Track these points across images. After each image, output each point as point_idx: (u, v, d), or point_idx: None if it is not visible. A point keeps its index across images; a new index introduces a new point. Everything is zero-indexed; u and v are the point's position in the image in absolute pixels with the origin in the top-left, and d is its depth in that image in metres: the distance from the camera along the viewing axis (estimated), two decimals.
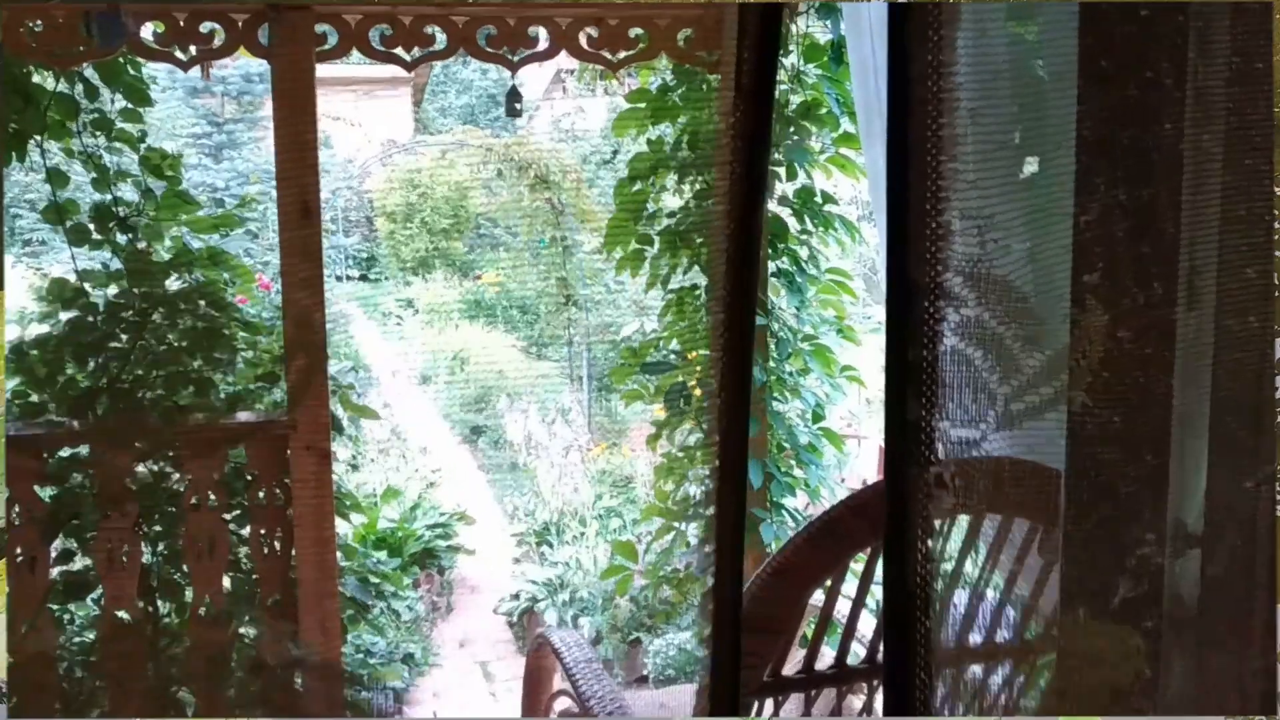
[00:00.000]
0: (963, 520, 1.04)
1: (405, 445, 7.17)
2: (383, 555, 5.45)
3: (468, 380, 9.83)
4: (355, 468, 6.95)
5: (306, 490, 2.91)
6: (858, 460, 5.68)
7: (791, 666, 1.65)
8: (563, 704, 2.49)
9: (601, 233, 7.83)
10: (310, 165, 2.82)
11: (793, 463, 3.51)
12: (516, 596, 5.51)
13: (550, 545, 5.89)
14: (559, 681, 2.46)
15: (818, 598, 1.64)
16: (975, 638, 1.08)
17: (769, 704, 1.65)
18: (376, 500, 6.07)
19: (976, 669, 1.07)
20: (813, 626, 1.81)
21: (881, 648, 1.74)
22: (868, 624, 1.72)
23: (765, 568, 1.54)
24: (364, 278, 16.64)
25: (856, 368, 3.61)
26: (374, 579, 3.34)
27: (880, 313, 2.19)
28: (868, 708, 1.76)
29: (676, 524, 3.56)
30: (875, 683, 1.77)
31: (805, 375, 3.47)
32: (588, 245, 7.65)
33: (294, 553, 2.94)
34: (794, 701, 1.69)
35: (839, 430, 3.97)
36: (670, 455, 3.60)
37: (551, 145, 7.41)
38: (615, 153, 15.59)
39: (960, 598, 1.06)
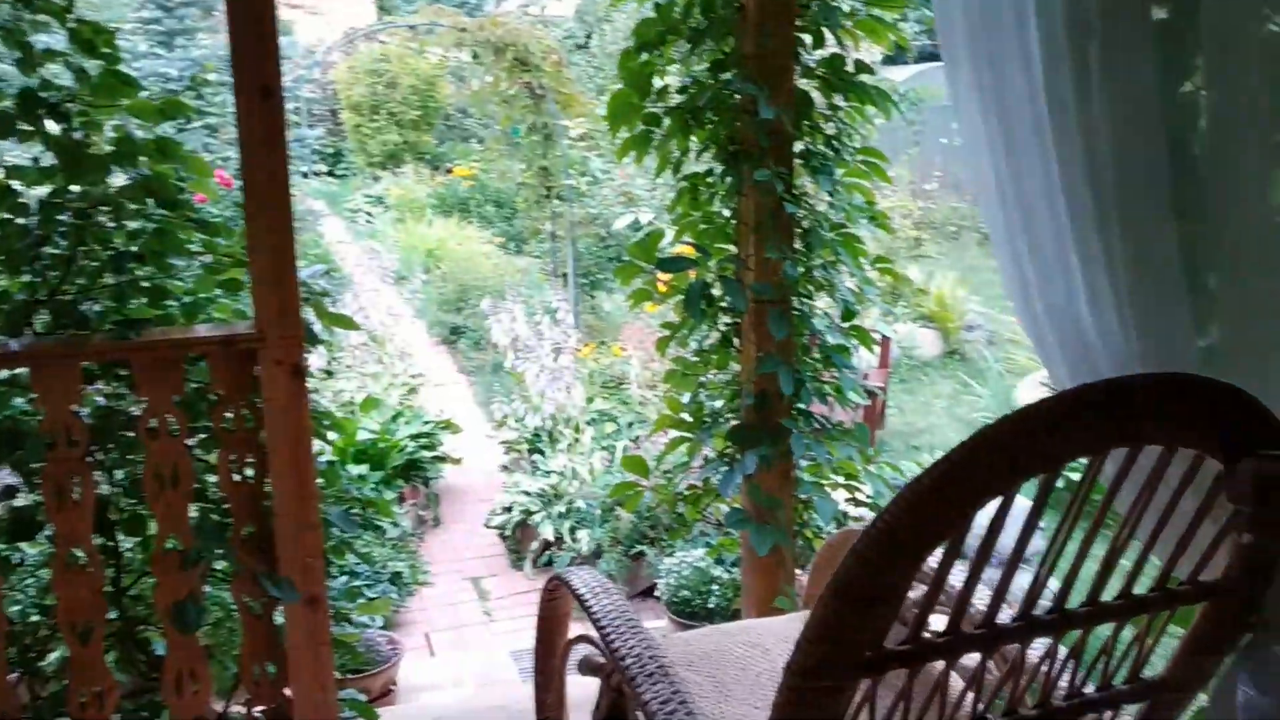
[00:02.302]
0: None
1: (382, 350, 6.80)
2: (364, 469, 5.13)
3: (444, 279, 9.44)
4: (330, 374, 6.59)
5: (279, 410, 2.57)
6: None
7: (894, 638, 1.33)
8: (581, 650, 2.18)
9: (584, 119, 7.38)
10: (269, 44, 2.41)
11: (819, 366, 3.17)
12: (508, 509, 5.21)
13: (542, 453, 5.57)
14: (576, 626, 2.14)
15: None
16: None
17: (863, 684, 1.33)
18: (355, 410, 5.72)
19: None
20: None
21: (1002, 610, 1.42)
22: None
23: (874, 525, 1.21)
24: (331, 174, 16.12)
25: (891, 259, 3.25)
26: (358, 505, 3.00)
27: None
28: (978, 678, 1.45)
29: (691, 435, 3.23)
30: (997, 651, 1.46)
31: (835, 268, 3.11)
32: (571, 132, 7.19)
33: (268, 480, 2.62)
34: (895, 678, 1.38)
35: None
36: (683, 361, 3.25)
37: (529, 25, 6.89)
38: (589, 36, 14.99)
39: None
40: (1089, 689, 1.57)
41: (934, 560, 1.29)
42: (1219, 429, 1.30)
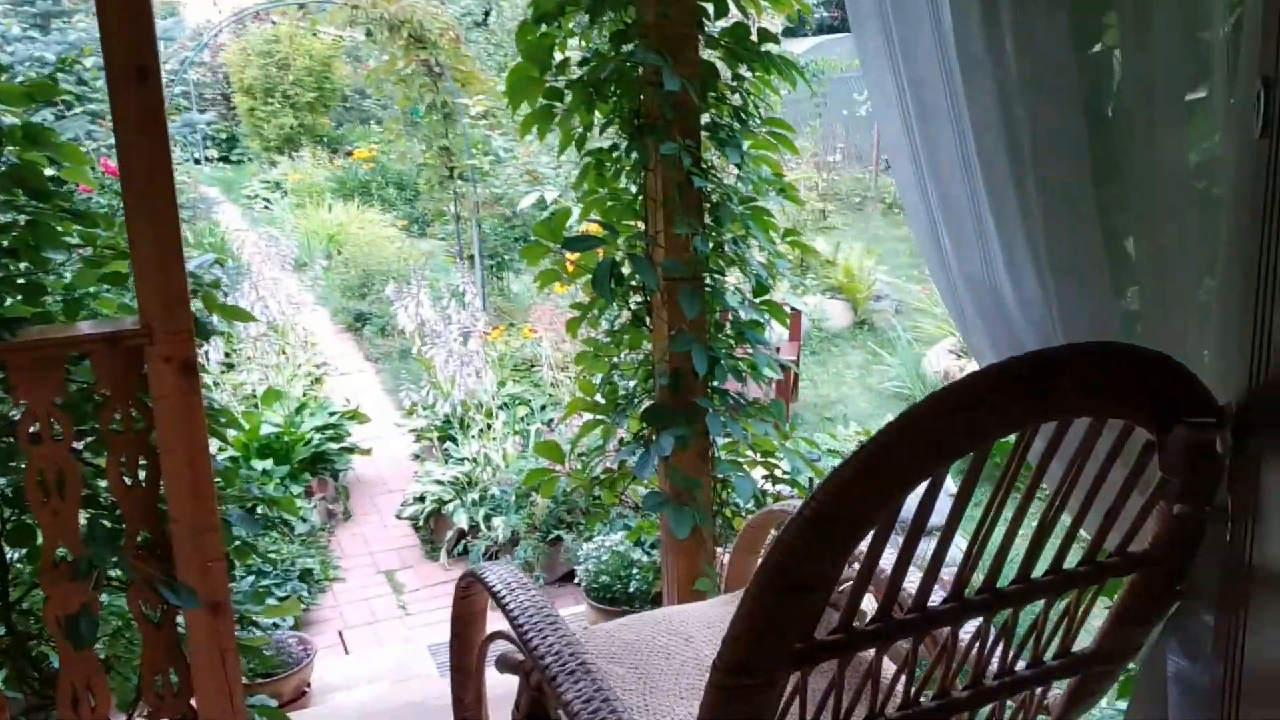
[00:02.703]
0: None
1: (284, 340, 6.60)
2: (268, 464, 4.97)
3: (347, 265, 9.22)
4: (231, 367, 6.38)
5: (170, 409, 2.44)
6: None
7: (824, 626, 1.28)
8: (499, 647, 2.10)
9: (485, 97, 7.23)
10: (144, 21, 2.26)
11: (732, 342, 3.12)
12: (421, 499, 5.09)
13: (454, 440, 5.45)
14: (493, 621, 2.06)
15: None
16: None
17: (793, 676, 1.28)
18: (257, 404, 5.54)
19: None
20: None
21: (934, 594, 1.38)
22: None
23: (800, 513, 1.15)
24: (225, 160, 15.66)
25: (799, 231, 3.21)
26: (260, 504, 2.88)
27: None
28: (909, 663, 1.40)
29: (605, 418, 3.16)
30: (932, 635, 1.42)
31: (745, 242, 3.06)
32: (471, 110, 7.04)
33: (162, 483, 2.50)
34: (826, 666, 1.33)
35: None
36: (595, 342, 3.18)
37: (425, 1, 6.71)
38: (487, 13, 14.75)
39: None
40: (1020, 666, 1.54)
41: (863, 545, 1.24)
42: (1148, 398, 1.26)
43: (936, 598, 1.37)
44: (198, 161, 11.88)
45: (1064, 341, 1.61)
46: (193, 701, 2.59)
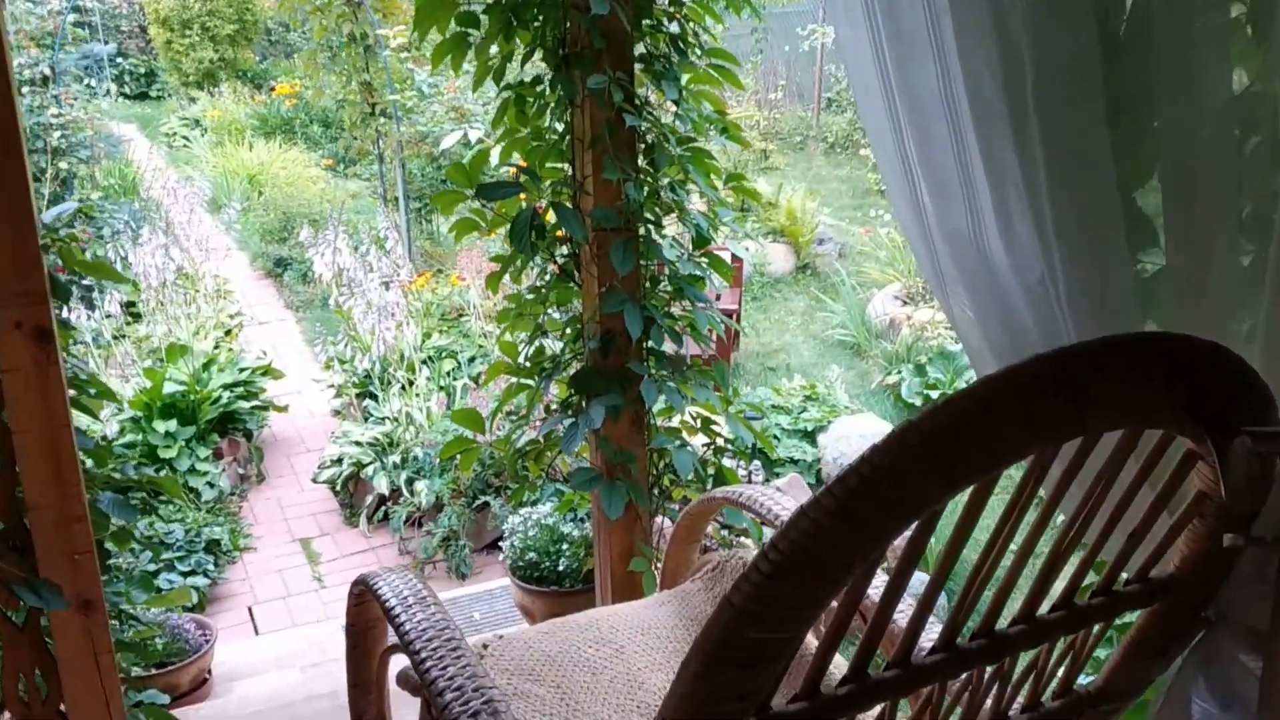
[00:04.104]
0: None
1: (194, 289, 6.18)
2: (172, 425, 4.60)
3: (267, 206, 8.75)
4: (137, 318, 5.97)
5: (23, 382, 2.11)
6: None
7: (786, 689, 1.00)
8: (402, 660, 1.82)
9: (406, 28, 6.78)
10: None
11: (669, 299, 2.82)
12: (338, 461, 4.75)
13: (374, 398, 5.11)
14: (393, 633, 1.76)
15: None
16: None
17: None
18: (163, 358, 5.14)
19: None
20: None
21: (924, 645, 1.10)
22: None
23: (757, 569, 0.86)
24: (143, 96, 14.92)
25: (746, 176, 2.91)
26: (137, 486, 2.54)
27: None
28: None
29: (530, 382, 2.86)
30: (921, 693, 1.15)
31: (684, 187, 2.75)
32: (392, 42, 6.60)
33: (18, 468, 2.17)
34: None
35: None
36: (518, 299, 2.86)
37: None
38: None
39: None
40: (1015, 709, 1.28)
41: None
42: (1201, 402, 0.98)
43: (924, 641, 1.10)
44: (94, 95, 11.12)
45: (1067, 314, 1.33)
46: (62, 707, 2.30)
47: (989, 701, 1.23)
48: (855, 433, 4.56)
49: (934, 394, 5.44)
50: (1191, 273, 1.28)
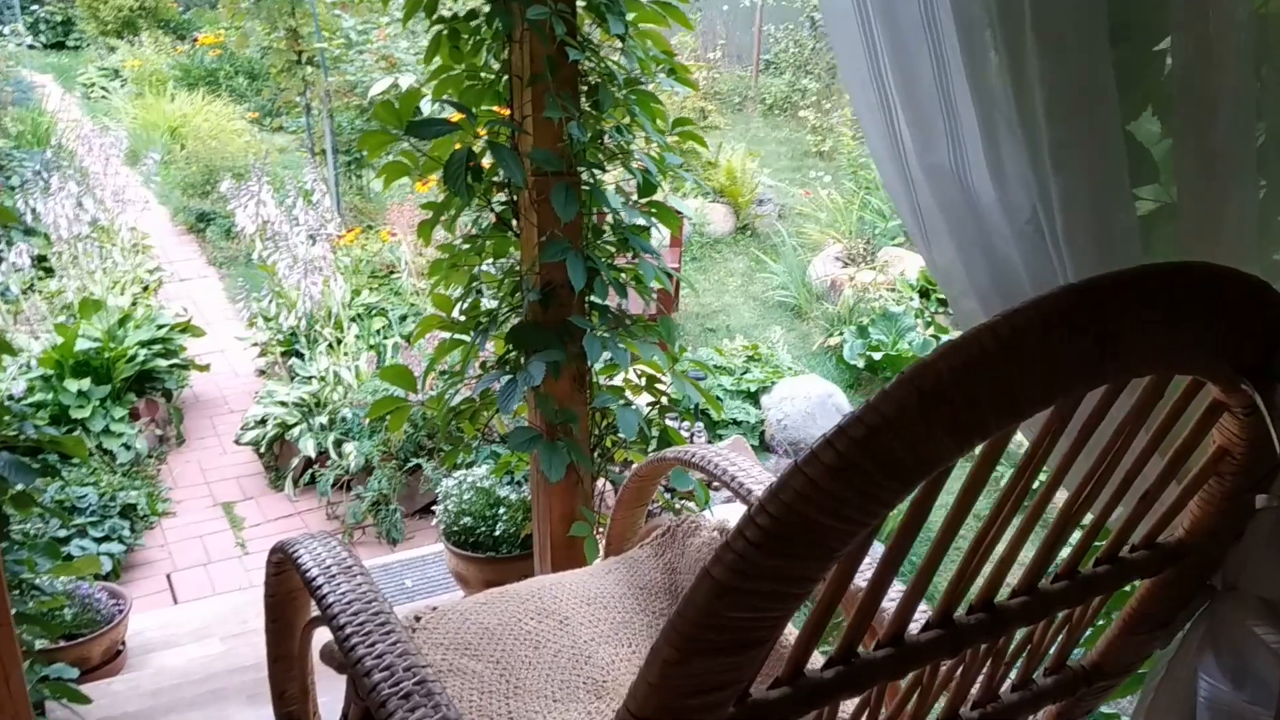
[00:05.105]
0: None
1: (111, 242, 5.90)
2: (85, 384, 4.36)
3: (189, 159, 8.41)
4: (50, 272, 5.69)
5: None
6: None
7: (766, 675, 0.87)
8: (326, 634, 1.67)
9: None
10: None
11: (612, 250, 2.68)
12: (262, 422, 4.55)
13: (300, 356, 4.90)
14: (315, 605, 1.61)
15: None
16: None
17: None
18: (75, 315, 4.89)
19: None
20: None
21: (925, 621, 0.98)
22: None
23: (741, 535, 0.73)
24: (60, 45, 14.34)
25: (693, 121, 2.76)
26: (37, 447, 2.36)
27: None
28: (873, 704, 1.01)
29: (465, 337, 2.70)
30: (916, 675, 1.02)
31: (630, 131, 2.60)
32: None
33: None
34: None
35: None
36: (451, 249, 2.69)
37: None
38: None
39: None
40: (1005, 688, 1.16)
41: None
42: (1242, 342, 0.86)
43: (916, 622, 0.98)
44: (31, 48, 10.59)
45: (1066, 254, 1.21)
46: None
47: (980, 680, 1.12)
48: (799, 394, 4.45)
49: (876, 355, 5.36)
50: (1201, 211, 1.16)
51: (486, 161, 2.47)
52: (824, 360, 5.75)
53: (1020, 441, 0.97)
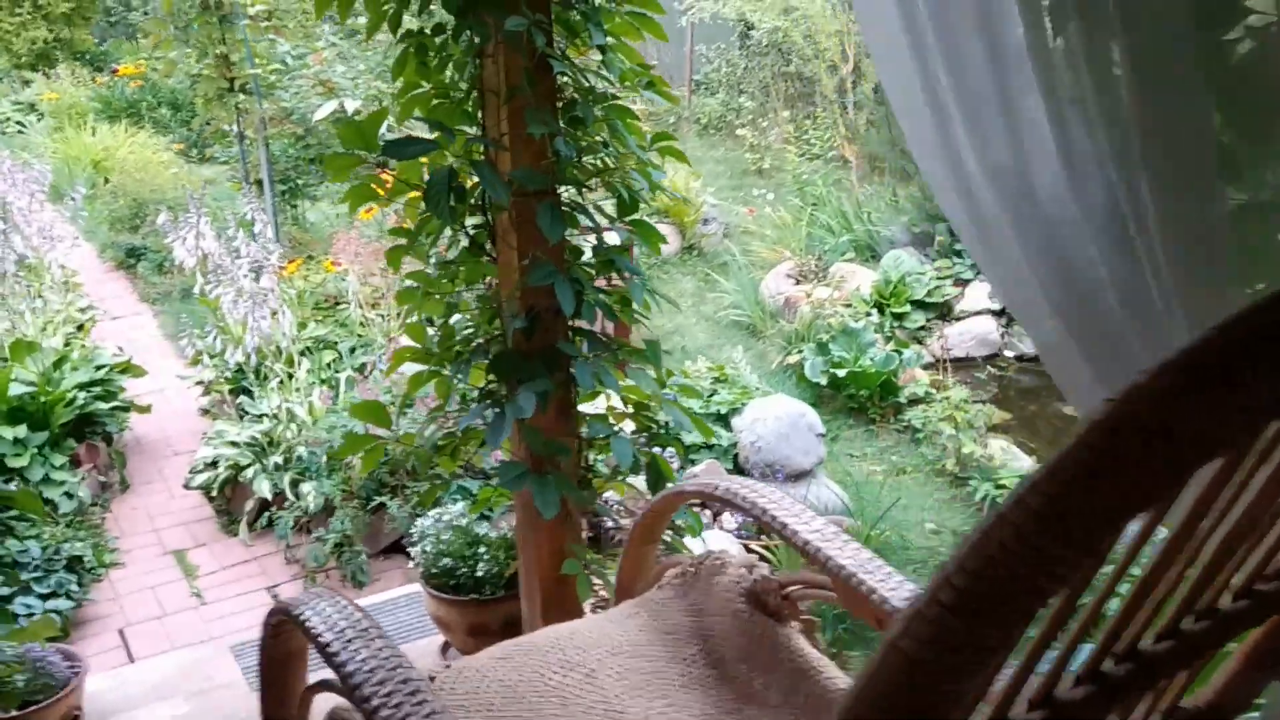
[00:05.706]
0: None
1: (38, 281, 5.64)
2: (21, 431, 4.13)
3: (115, 193, 8.13)
4: None
5: None
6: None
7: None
8: (328, 700, 1.52)
9: None
10: None
11: (593, 271, 2.55)
12: (213, 464, 4.34)
13: (249, 394, 4.70)
14: (317, 662, 1.46)
15: None
16: None
17: None
18: (6, 357, 4.64)
19: None
20: None
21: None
22: None
23: (934, 597, 0.61)
24: None
25: (675, 137, 2.65)
26: None
27: None
28: None
29: (442, 370, 2.56)
30: None
31: (611, 147, 2.48)
32: (250, 10, 6.13)
33: None
34: None
35: None
36: (423, 276, 2.55)
37: None
38: None
39: None
40: None
41: None
42: None
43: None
44: None
45: (1158, 246, 1.11)
46: None
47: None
48: (770, 414, 4.35)
49: (840, 372, 5.28)
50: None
51: (468, 182, 2.34)
52: (784, 379, 5.66)
53: None
